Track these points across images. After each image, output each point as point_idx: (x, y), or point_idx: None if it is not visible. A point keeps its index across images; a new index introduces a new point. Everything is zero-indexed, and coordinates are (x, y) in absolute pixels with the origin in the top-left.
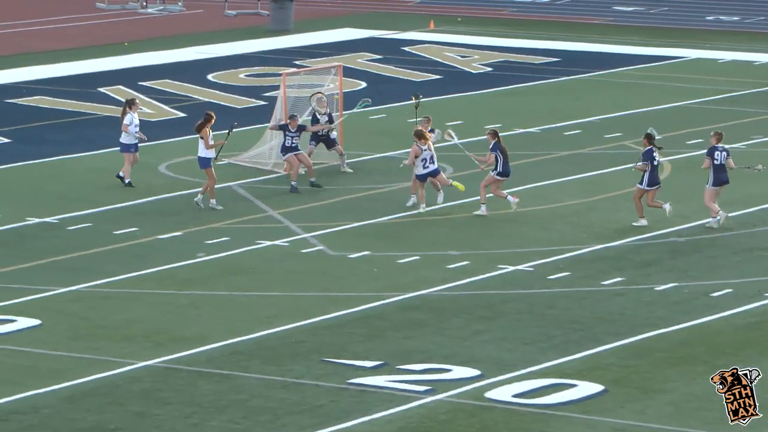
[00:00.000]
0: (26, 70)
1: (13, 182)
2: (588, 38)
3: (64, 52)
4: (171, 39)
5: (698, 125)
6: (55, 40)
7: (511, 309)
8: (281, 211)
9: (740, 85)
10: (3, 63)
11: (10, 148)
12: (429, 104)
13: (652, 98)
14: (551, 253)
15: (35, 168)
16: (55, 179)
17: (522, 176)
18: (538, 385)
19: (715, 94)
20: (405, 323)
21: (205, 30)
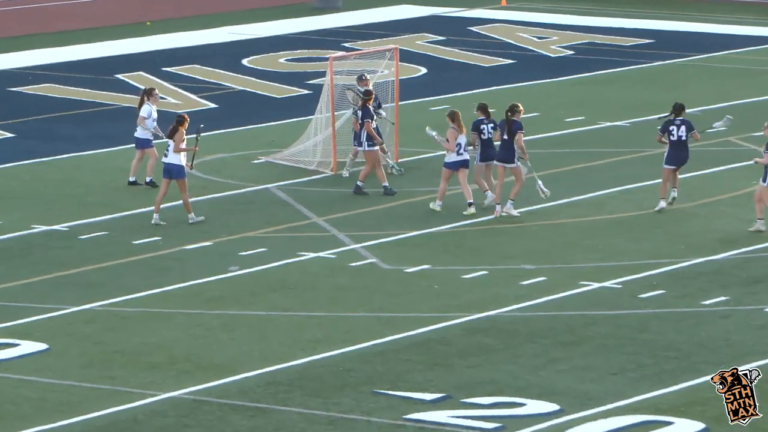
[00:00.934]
0: (32, 54)
1: (17, 184)
2: (687, 16)
3: (76, 32)
4: (200, 18)
5: None
6: (66, 19)
7: (595, 333)
8: (327, 218)
9: None
10: (5, 45)
11: (13, 144)
12: (500, 93)
13: (763, 86)
14: (643, 268)
15: (42, 167)
16: (65, 181)
17: (608, 177)
18: (627, 422)
19: None
20: (471, 349)
21: (240, 7)
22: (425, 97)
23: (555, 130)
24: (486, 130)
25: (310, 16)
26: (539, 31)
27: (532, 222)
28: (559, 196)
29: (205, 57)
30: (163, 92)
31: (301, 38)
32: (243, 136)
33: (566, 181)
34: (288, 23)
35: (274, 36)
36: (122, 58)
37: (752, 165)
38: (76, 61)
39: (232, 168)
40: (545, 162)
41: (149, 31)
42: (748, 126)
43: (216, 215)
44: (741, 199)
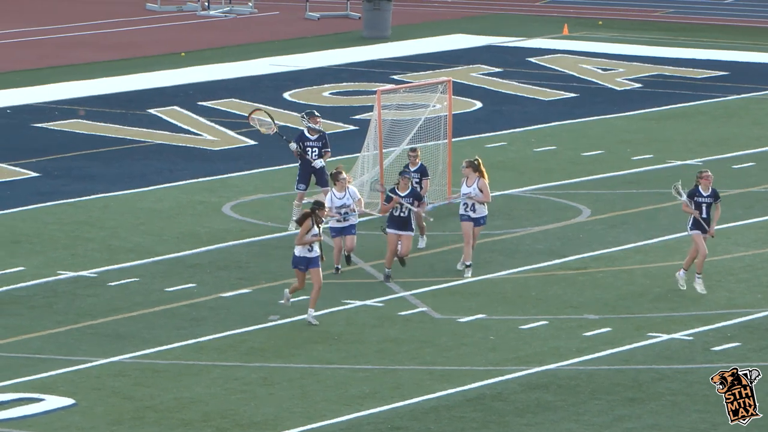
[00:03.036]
0: (59, 87)
1: (42, 227)
2: (764, 47)
3: (106, 64)
4: (239, 48)
5: None
6: (95, 50)
7: (665, 389)
8: (374, 263)
9: None
10: (31, 78)
11: (38, 184)
12: (561, 129)
13: None
14: (716, 319)
15: (69, 209)
16: (93, 223)
17: (679, 220)
18: None
19: None
20: (529, 406)
21: (282, 37)
22: (481, 134)
23: (622, 169)
24: None
25: (356, 46)
26: (603, 62)
27: (598, 268)
28: (626, 241)
29: (244, 90)
30: (198, 128)
31: (346, 70)
32: (284, 175)
33: (634, 224)
34: (333, 54)
35: (318, 68)
36: (155, 92)
37: None
38: (106, 95)
39: (272, 209)
40: (612, 203)
41: (184, 62)
42: None
43: (255, 260)
44: None
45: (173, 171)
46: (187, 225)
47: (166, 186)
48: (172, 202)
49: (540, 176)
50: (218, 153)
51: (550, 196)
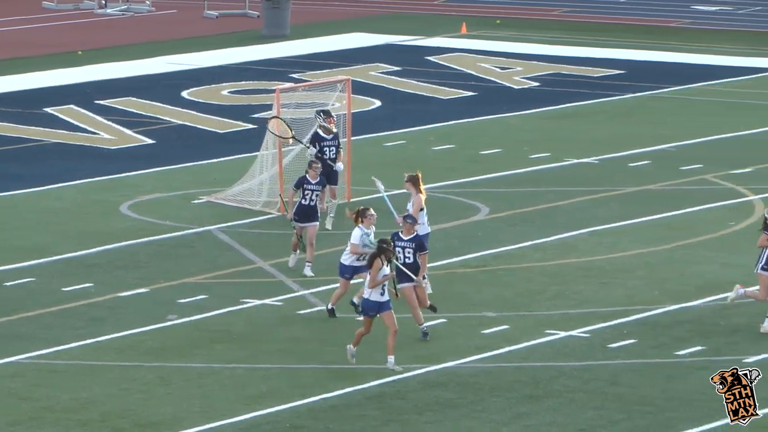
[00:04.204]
0: None
1: None
2: (661, 45)
3: (1, 63)
4: (136, 47)
5: None
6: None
7: (563, 386)
8: (273, 262)
9: None
10: None
11: None
12: (459, 128)
13: (742, 120)
14: (614, 316)
15: None
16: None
17: (577, 218)
18: None
19: None
20: (430, 404)
21: (180, 36)
22: (380, 132)
23: (519, 168)
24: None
25: (255, 44)
26: (502, 61)
27: (497, 266)
28: (524, 239)
29: (142, 89)
30: (95, 127)
31: (245, 69)
32: (182, 174)
33: (532, 222)
34: (232, 53)
35: (217, 66)
36: (51, 90)
37: (732, 205)
38: (1, 93)
39: (170, 208)
40: (510, 202)
41: (81, 61)
42: (728, 164)
43: (153, 260)
44: (719, 242)
45: (71, 170)
46: (84, 224)
47: (64, 185)
48: (69, 202)
49: (439, 175)
50: (116, 152)
51: (449, 194)
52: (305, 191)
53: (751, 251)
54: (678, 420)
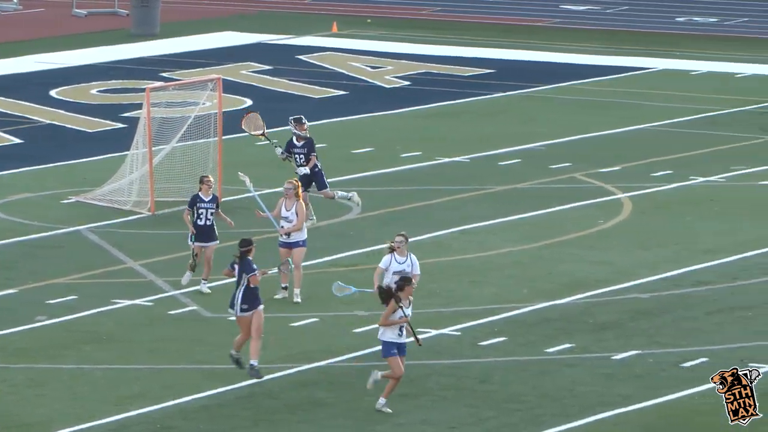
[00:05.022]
0: None
1: None
2: (530, 45)
3: None
4: (4, 46)
5: (666, 153)
6: None
7: (435, 384)
8: (143, 262)
9: (720, 102)
10: None
11: None
12: (331, 127)
13: (609, 120)
14: (484, 314)
15: None
16: None
17: (448, 217)
18: None
19: (688, 114)
20: (301, 403)
21: (48, 34)
22: None
23: (391, 167)
24: None
25: (125, 43)
26: (373, 60)
27: (369, 265)
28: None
29: (10, 88)
30: None
31: (115, 68)
32: (51, 174)
33: (404, 220)
34: (101, 51)
35: (86, 65)
36: None
37: (600, 203)
38: None
39: (39, 208)
40: (382, 200)
41: None
42: (596, 162)
43: (22, 260)
44: (588, 240)
45: None
46: None
47: None
48: None
49: None
50: None
51: (320, 193)
52: (199, 210)
53: (620, 249)
54: (547, 416)
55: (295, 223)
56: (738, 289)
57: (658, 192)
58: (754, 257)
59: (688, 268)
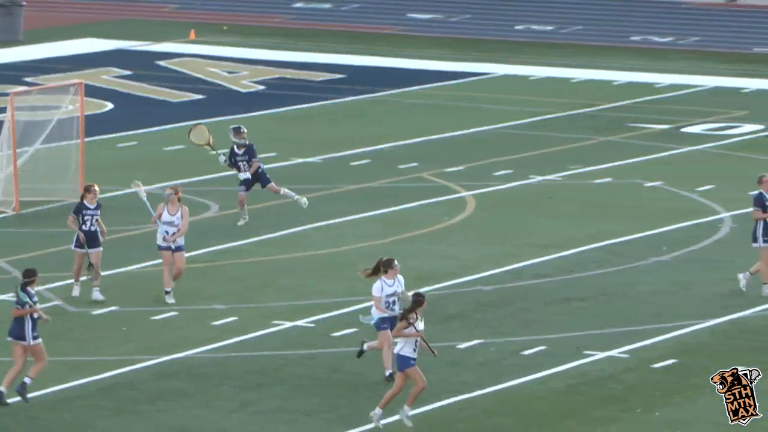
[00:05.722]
0: None
1: None
2: (378, 51)
3: None
4: None
5: (506, 153)
6: None
7: (289, 374)
8: (8, 259)
9: (556, 106)
10: None
11: None
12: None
13: (453, 122)
14: (336, 306)
15: None
16: None
17: (303, 214)
18: None
19: (527, 116)
20: (162, 393)
21: None
22: (112, 134)
23: None
24: None
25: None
26: (229, 65)
27: (226, 261)
28: (253, 234)
29: None
30: None
31: None
32: None
33: (261, 219)
34: None
35: None
36: None
37: (446, 201)
38: None
39: None
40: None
41: None
42: (441, 162)
43: None
44: (434, 235)
45: None
46: None
47: None
48: None
49: (171, 173)
50: None
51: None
52: (84, 217)
53: (464, 244)
54: (397, 402)
55: (181, 228)
56: (573, 281)
57: (500, 190)
58: (588, 251)
59: (528, 262)
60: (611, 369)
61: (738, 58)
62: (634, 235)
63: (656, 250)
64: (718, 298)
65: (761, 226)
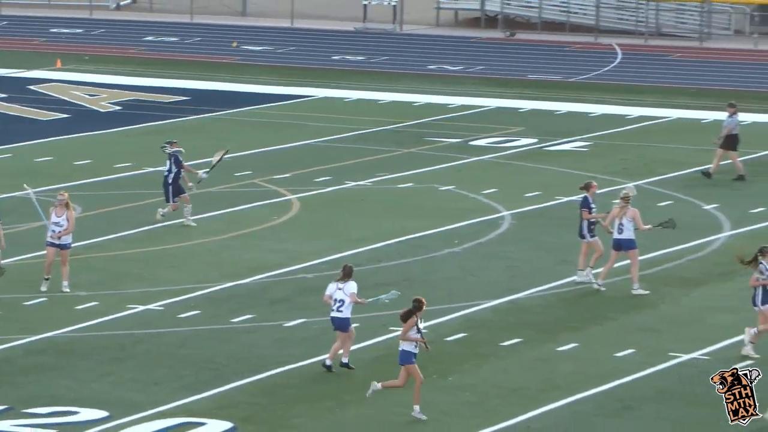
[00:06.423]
0: None
1: None
2: (218, 77)
3: None
4: None
5: (326, 163)
6: None
7: (142, 350)
8: None
9: (366, 123)
10: None
11: None
12: (57, 144)
13: (281, 137)
14: (183, 292)
15: None
16: None
17: (149, 216)
18: (168, 425)
19: (343, 132)
20: (32, 367)
21: None
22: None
23: (107, 175)
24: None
25: None
26: (90, 89)
27: (89, 254)
28: (113, 231)
29: None
30: None
31: None
32: None
33: (116, 219)
34: None
35: None
36: None
37: (275, 203)
38: None
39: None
40: (100, 201)
41: None
42: (271, 170)
43: None
44: (265, 232)
45: None
46: None
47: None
48: None
49: (41, 181)
50: None
51: (49, 197)
52: None
53: (290, 239)
54: (232, 374)
55: (67, 228)
56: (381, 269)
57: (320, 193)
58: (394, 244)
59: (344, 254)
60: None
61: (516, 83)
62: (431, 230)
63: (449, 243)
64: (500, 283)
65: (586, 224)
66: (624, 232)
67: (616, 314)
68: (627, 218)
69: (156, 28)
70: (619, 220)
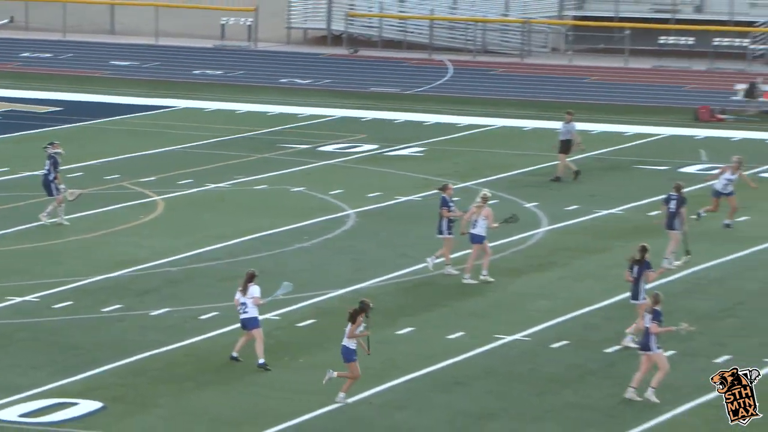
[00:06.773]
0: None
1: None
2: (90, 89)
3: None
4: None
5: (189, 167)
6: None
7: (21, 337)
8: None
9: (225, 131)
10: None
11: None
12: None
13: (147, 143)
14: (58, 284)
15: None
16: None
17: (33, 215)
18: (45, 404)
19: (203, 139)
20: None
21: None
22: None
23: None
24: None
25: None
26: None
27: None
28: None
29: None
30: None
31: None
32: None
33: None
34: None
35: None
36: None
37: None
38: None
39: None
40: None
41: None
42: (138, 174)
43: None
44: (133, 230)
45: None
46: None
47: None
48: None
49: None
50: None
51: None
52: None
53: (156, 236)
54: (103, 358)
55: None
56: (239, 263)
57: (183, 195)
58: (250, 240)
59: (205, 249)
60: (269, 327)
61: (359, 95)
62: (283, 227)
63: (299, 239)
64: (345, 274)
65: (446, 221)
66: (477, 228)
67: (449, 301)
68: (482, 216)
69: (32, 45)
70: (475, 218)
